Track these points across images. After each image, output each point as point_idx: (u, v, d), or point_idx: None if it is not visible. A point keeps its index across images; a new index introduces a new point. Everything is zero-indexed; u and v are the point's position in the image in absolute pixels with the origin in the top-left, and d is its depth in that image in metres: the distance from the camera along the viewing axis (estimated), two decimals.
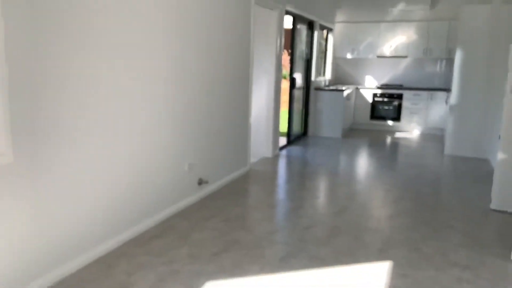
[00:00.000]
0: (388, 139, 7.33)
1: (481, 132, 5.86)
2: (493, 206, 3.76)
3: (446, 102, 7.23)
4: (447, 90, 7.45)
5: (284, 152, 6.00)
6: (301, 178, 4.78)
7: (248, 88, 4.71)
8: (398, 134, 7.78)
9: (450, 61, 7.87)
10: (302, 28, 6.68)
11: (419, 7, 7.79)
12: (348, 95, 7.61)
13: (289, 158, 5.68)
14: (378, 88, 8.22)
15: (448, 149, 6.11)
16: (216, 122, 4.05)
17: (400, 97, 8.02)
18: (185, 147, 3.56)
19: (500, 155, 3.69)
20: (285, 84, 6.25)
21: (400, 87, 8.17)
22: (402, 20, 8.11)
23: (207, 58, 3.77)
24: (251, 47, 4.66)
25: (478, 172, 5.10)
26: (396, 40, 8.15)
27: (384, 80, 8.58)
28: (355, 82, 8.79)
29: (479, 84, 5.79)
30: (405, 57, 8.18)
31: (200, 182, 3.79)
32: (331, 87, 7.70)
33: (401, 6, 7.86)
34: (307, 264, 2.64)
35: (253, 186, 4.39)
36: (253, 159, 5.23)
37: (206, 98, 3.82)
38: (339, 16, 8.56)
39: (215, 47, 3.89)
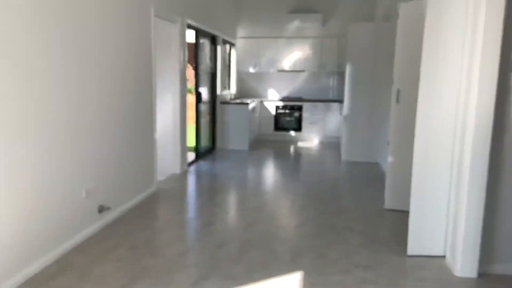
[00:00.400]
0: (291, 149, 7.67)
1: (371, 139, 6.44)
2: (386, 206, 4.13)
3: (340, 113, 7.83)
4: (341, 101, 8.08)
5: (193, 167, 5.90)
6: (211, 193, 4.72)
7: (152, 103, 4.54)
8: (300, 144, 8.19)
9: (341, 75, 8.55)
10: (205, 43, 6.69)
11: (312, 24, 8.38)
12: (253, 108, 7.81)
13: (198, 174, 5.59)
14: (280, 100, 8.58)
15: (344, 155, 6.59)
16: (118, 141, 3.81)
17: (300, 108, 8.47)
18: (81, 171, 3.26)
19: (390, 159, 4.09)
20: (191, 99, 6.18)
21: (300, 99, 8.63)
22: (298, 36, 8.61)
23: (105, 73, 3.54)
24: (153, 62, 4.50)
25: (371, 175, 5.59)
26: (294, 55, 8.62)
27: (285, 93, 8.99)
28: (259, 95, 9.07)
29: (367, 95, 6.37)
30: (303, 71, 8.69)
31: (101, 209, 3.50)
32: (237, 101, 7.82)
33: (296, 23, 8.37)
34: (220, 286, 2.59)
35: (161, 207, 4.21)
36: (160, 177, 5.03)
37: (106, 116, 3.58)
38: (240, 31, 8.80)
39: (113, 63, 3.67)
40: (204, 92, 6.69)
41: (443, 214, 2.93)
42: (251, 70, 8.76)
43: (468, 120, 2.62)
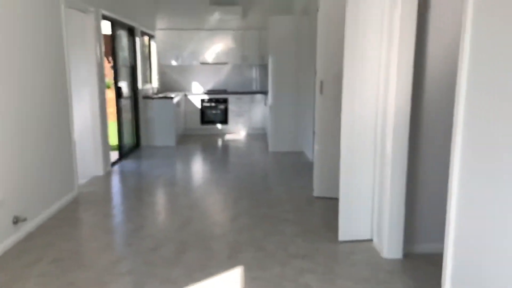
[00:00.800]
0: (219, 142, 7.62)
1: (295, 129, 6.64)
2: (315, 194, 4.29)
3: (265, 104, 7.95)
4: (265, 93, 8.21)
5: (117, 167, 5.57)
6: (138, 194, 4.50)
7: (67, 101, 4.17)
8: (227, 136, 8.17)
9: (263, 67, 8.71)
10: (123, 35, 6.31)
11: (232, 16, 8.34)
12: (178, 102, 7.59)
13: (123, 174, 5.30)
14: (205, 93, 8.45)
15: (271, 146, 6.72)
16: (31, 144, 3.44)
17: (225, 101, 8.44)
18: None
19: (317, 148, 4.24)
20: (110, 94, 5.80)
21: (224, 92, 8.59)
22: (219, 28, 8.53)
23: (11, 71, 3.15)
24: (66, 56, 4.13)
25: (298, 164, 5.77)
26: (217, 47, 8.53)
27: (210, 86, 8.89)
28: (183, 89, 8.84)
29: (290, 86, 6.53)
30: (226, 63, 8.64)
31: (16, 221, 3.15)
32: (160, 95, 7.54)
33: (216, 16, 8.28)
34: None
35: (84, 213, 3.91)
36: (82, 180, 4.67)
37: (15, 117, 3.20)
38: (160, 23, 8.47)
39: (20, 58, 3.28)
40: (124, 87, 6.33)
41: (369, 200, 3.11)
42: (174, 63, 8.50)
43: (388, 111, 2.79)
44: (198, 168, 5.84)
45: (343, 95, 3.05)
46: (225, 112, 8.47)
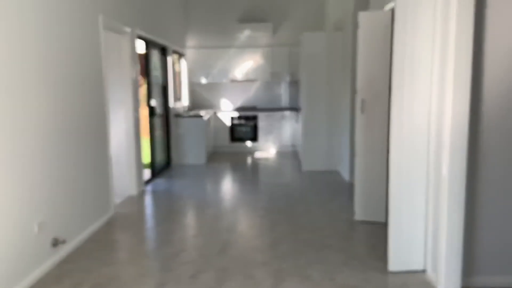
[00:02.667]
0: (250, 160, 7.52)
1: (329, 147, 6.47)
2: (357, 217, 4.10)
3: (296, 121, 7.83)
4: (296, 109, 8.09)
5: (150, 187, 5.53)
6: (173, 215, 4.42)
7: (105, 120, 4.17)
8: (257, 154, 8.07)
9: (293, 83, 8.64)
10: (155, 54, 6.36)
11: (262, 33, 8.33)
12: (208, 119, 7.57)
13: (156, 194, 5.25)
14: (235, 110, 8.42)
15: (305, 165, 6.56)
16: (70, 164, 3.42)
17: (255, 118, 8.37)
18: (32, 203, 2.87)
19: (358, 169, 4.07)
20: (143, 112, 5.82)
21: (254, 109, 8.53)
22: (249, 45, 8.52)
23: (54, 94, 3.17)
24: (104, 77, 4.14)
25: (334, 184, 5.58)
26: (246, 64, 8.51)
27: (239, 103, 8.85)
28: (212, 106, 8.84)
29: (323, 103, 6.39)
30: (255, 80, 8.60)
31: (56, 243, 3.11)
32: (191, 113, 7.54)
33: (246, 33, 8.28)
34: None
35: (121, 235, 3.85)
36: (116, 199, 4.64)
37: (56, 138, 3.19)
38: (190, 42, 8.55)
39: (62, 82, 3.30)
40: (157, 105, 6.35)
41: (422, 227, 2.91)
42: (203, 80, 8.52)
43: (443, 129, 2.62)
44: (231, 188, 5.74)
45: (392, 112, 2.89)
46: (255, 129, 8.39)
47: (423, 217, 2.90)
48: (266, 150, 8.44)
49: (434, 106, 2.76)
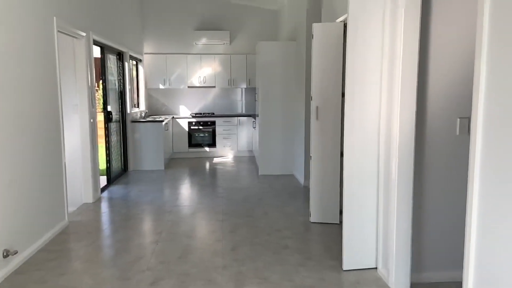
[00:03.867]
0: (208, 165, 7.54)
1: (285, 152, 6.65)
2: (312, 219, 4.26)
3: (254, 127, 7.96)
4: (252, 115, 8.23)
5: (106, 194, 5.40)
6: (131, 222, 4.35)
7: (59, 127, 4.05)
8: (215, 160, 8.10)
9: (250, 90, 8.79)
10: (112, 59, 6.25)
11: (219, 41, 8.41)
12: (166, 125, 7.51)
13: (113, 201, 5.14)
14: (193, 116, 8.41)
15: (261, 169, 6.69)
16: (22, 173, 3.30)
17: (213, 124, 8.41)
18: None
19: (313, 174, 4.23)
20: (99, 118, 5.68)
21: (212, 115, 8.57)
22: (207, 53, 8.58)
23: (4, 98, 3.05)
24: (58, 81, 4.03)
25: (290, 187, 5.74)
26: (204, 71, 8.55)
27: (197, 109, 8.86)
28: (170, 112, 8.78)
29: (278, 109, 6.56)
30: (213, 87, 8.65)
31: (6, 254, 2.98)
32: (148, 118, 7.45)
33: (203, 40, 8.33)
34: None
35: (76, 244, 3.75)
36: (71, 207, 4.50)
37: (6, 146, 3.07)
38: (147, 47, 8.46)
39: (13, 85, 3.19)
40: (113, 110, 6.23)
41: (373, 228, 3.10)
42: (161, 86, 8.45)
43: (392, 134, 2.80)
44: (190, 193, 5.73)
45: (345, 119, 3.06)
46: (213, 135, 8.43)
47: (375, 218, 3.09)
48: (224, 155, 8.49)
49: (383, 113, 2.95)
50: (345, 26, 3.97)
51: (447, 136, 2.80)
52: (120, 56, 6.61)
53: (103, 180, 5.71)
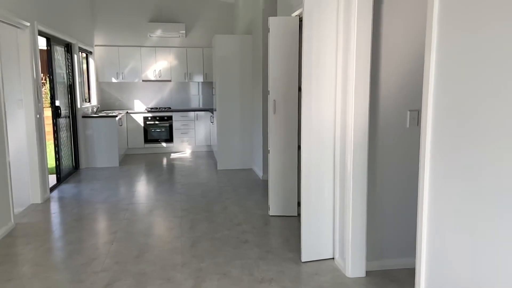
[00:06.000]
0: (165, 161, 7.38)
1: (243, 146, 6.64)
2: (271, 212, 4.29)
3: (211, 121, 7.88)
4: (210, 110, 8.14)
5: (55, 193, 5.14)
6: (84, 222, 4.17)
7: (1, 124, 3.78)
8: (173, 155, 7.95)
9: (207, 84, 8.69)
10: (60, 51, 5.92)
11: (175, 34, 8.22)
12: (120, 120, 7.25)
13: (63, 200, 4.89)
14: (148, 111, 8.18)
15: (220, 164, 6.65)
16: None
17: (170, 118, 8.23)
18: None
19: (271, 167, 4.25)
20: (47, 113, 5.37)
21: (169, 109, 8.38)
22: (162, 46, 8.36)
23: None
24: (0, 75, 3.76)
25: (248, 182, 5.75)
26: (159, 64, 8.33)
27: (153, 104, 8.63)
28: (124, 107, 8.49)
29: (235, 103, 6.54)
30: (169, 81, 8.46)
31: None
32: (101, 114, 7.15)
33: (158, 33, 8.11)
34: None
35: (24, 247, 3.53)
36: (18, 209, 4.23)
37: None
38: (98, 39, 8.10)
39: None
40: (62, 105, 5.91)
41: (330, 219, 3.16)
42: (114, 80, 8.14)
43: (347, 128, 2.87)
44: (147, 190, 5.58)
45: (302, 112, 3.08)
46: (170, 130, 8.25)
47: (331, 209, 3.15)
48: (182, 151, 8.35)
49: (338, 107, 3.01)
50: (300, 20, 4.00)
51: (398, 129, 2.90)
52: (68, 47, 6.28)
53: (52, 179, 5.42)
